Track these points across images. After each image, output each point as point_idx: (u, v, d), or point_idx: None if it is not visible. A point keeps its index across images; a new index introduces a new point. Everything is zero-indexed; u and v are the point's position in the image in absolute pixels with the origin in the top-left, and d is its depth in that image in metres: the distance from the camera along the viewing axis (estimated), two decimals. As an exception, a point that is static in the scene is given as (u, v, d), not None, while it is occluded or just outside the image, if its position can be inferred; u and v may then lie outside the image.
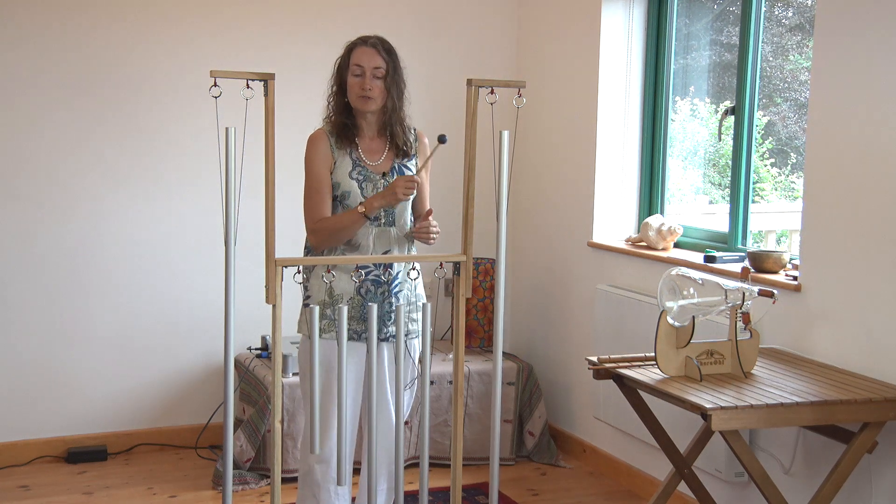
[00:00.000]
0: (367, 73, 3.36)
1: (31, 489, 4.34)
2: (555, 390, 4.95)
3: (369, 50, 3.38)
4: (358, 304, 3.41)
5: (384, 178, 3.43)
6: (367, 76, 3.36)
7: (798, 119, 4.34)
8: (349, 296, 3.41)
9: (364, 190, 3.41)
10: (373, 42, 3.39)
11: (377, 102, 3.39)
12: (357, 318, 3.40)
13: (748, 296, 3.22)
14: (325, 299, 3.40)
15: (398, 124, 3.45)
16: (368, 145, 3.46)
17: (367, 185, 3.42)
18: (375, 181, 3.42)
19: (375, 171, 3.44)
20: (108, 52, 4.57)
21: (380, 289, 3.42)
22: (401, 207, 3.45)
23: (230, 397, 2.87)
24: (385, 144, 3.47)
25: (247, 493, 4.30)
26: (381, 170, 3.45)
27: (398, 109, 3.44)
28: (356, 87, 3.37)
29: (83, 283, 4.64)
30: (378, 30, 5.05)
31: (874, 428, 3.05)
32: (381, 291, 3.43)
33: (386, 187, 3.36)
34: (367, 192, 3.41)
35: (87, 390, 4.70)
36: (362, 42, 3.40)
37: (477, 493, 4.32)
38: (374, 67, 3.36)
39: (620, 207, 4.67)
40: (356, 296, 3.42)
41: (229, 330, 2.80)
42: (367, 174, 3.43)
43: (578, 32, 4.72)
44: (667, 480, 3.52)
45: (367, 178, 3.42)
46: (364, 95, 3.36)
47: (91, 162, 4.61)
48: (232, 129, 2.72)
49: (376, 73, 3.37)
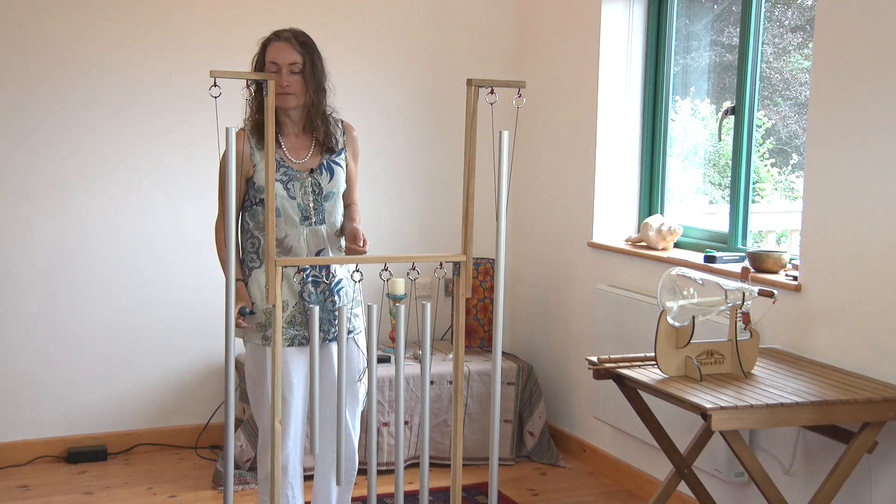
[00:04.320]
0: (283, 69, 3.25)
1: (31, 489, 4.34)
2: (555, 390, 4.95)
3: (283, 45, 3.27)
4: (302, 308, 3.36)
5: (311, 176, 3.34)
6: (283, 72, 3.26)
7: (798, 119, 4.34)
8: (294, 301, 3.36)
9: (290, 190, 3.31)
10: (286, 36, 3.29)
11: (297, 98, 3.29)
12: (302, 322, 3.35)
13: (748, 296, 3.22)
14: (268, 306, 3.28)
15: (319, 119, 3.35)
16: (293, 143, 3.37)
17: (294, 185, 3.33)
18: (302, 179, 3.34)
19: (301, 168, 3.35)
20: (109, 51, 4.57)
21: (319, 288, 3.38)
22: (330, 204, 3.39)
23: (231, 397, 2.87)
24: (310, 142, 3.39)
25: (247, 493, 4.30)
26: (307, 167, 3.36)
27: (319, 103, 3.33)
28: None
29: (83, 283, 4.64)
30: (378, 30, 5.07)
31: (874, 428, 3.05)
32: (321, 290, 3.38)
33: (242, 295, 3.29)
34: (293, 192, 3.32)
35: (87, 390, 4.70)
36: (276, 37, 3.31)
37: (477, 493, 4.32)
38: (290, 63, 3.26)
39: (620, 207, 4.67)
40: (300, 300, 3.37)
41: (230, 330, 2.80)
42: (293, 173, 3.33)
43: (578, 32, 4.72)
44: (667, 480, 3.52)
45: (293, 177, 3.33)
46: (282, 92, 3.25)
47: (91, 162, 4.60)
48: (233, 128, 2.72)
49: (293, 68, 3.26)
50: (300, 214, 3.34)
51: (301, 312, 3.36)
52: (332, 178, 3.39)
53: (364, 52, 4.94)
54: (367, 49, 4.94)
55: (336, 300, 3.39)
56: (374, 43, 4.95)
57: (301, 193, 3.33)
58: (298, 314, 3.36)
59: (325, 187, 3.37)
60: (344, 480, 3.45)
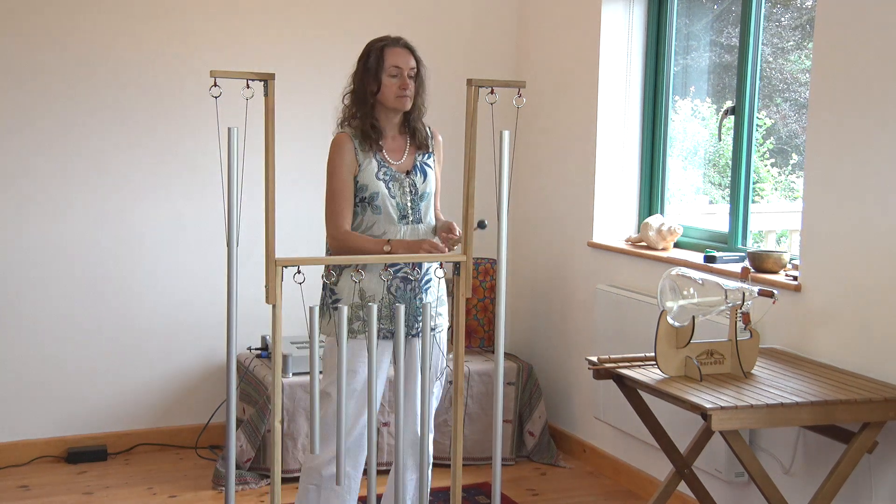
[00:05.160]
0: (404, 73, 3.42)
1: (31, 489, 4.34)
2: (555, 390, 4.95)
3: (403, 51, 3.45)
4: (389, 302, 3.46)
5: (408, 177, 3.48)
6: (404, 76, 3.42)
7: (798, 119, 4.34)
8: (380, 295, 3.45)
9: (391, 190, 3.45)
10: (404, 43, 3.48)
11: (411, 101, 3.46)
12: (388, 316, 3.45)
13: (748, 296, 3.22)
14: (357, 300, 3.44)
15: (420, 122, 3.54)
16: (391, 145, 3.51)
17: (394, 185, 3.46)
18: (401, 180, 3.48)
19: (399, 170, 3.49)
20: (109, 52, 4.57)
21: (409, 286, 3.47)
22: (425, 204, 3.52)
23: (232, 397, 2.87)
24: (405, 143, 3.53)
25: (247, 493, 4.30)
26: (404, 168, 3.50)
27: (423, 107, 3.54)
28: (394, 87, 3.42)
29: (83, 283, 4.64)
30: (377, 30, 5.06)
31: (874, 428, 3.05)
32: (410, 288, 3.48)
33: (413, 242, 3.40)
34: (393, 191, 3.46)
35: (87, 390, 4.70)
36: (394, 43, 3.47)
37: (477, 493, 4.32)
38: (410, 68, 3.43)
39: (620, 207, 4.67)
40: (387, 294, 3.47)
41: (231, 330, 2.80)
42: (393, 174, 3.47)
43: (578, 32, 4.72)
44: (667, 480, 3.52)
45: (393, 177, 3.47)
46: (403, 95, 3.42)
47: (91, 161, 4.60)
48: (234, 129, 2.71)
49: (411, 72, 3.44)
50: (399, 213, 3.46)
51: (387, 306, 3.45)
52: (425, 179, 3.53)
53: (364, 52, 4.93)
54: (367, 49, 4.94)
55: (423, 297, 3.49)
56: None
57: (400, 193, 3.47)
58: (384, 308, 3.45)
59: (419, 188, 3.51)
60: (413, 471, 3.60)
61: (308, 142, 4.83)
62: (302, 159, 4.83)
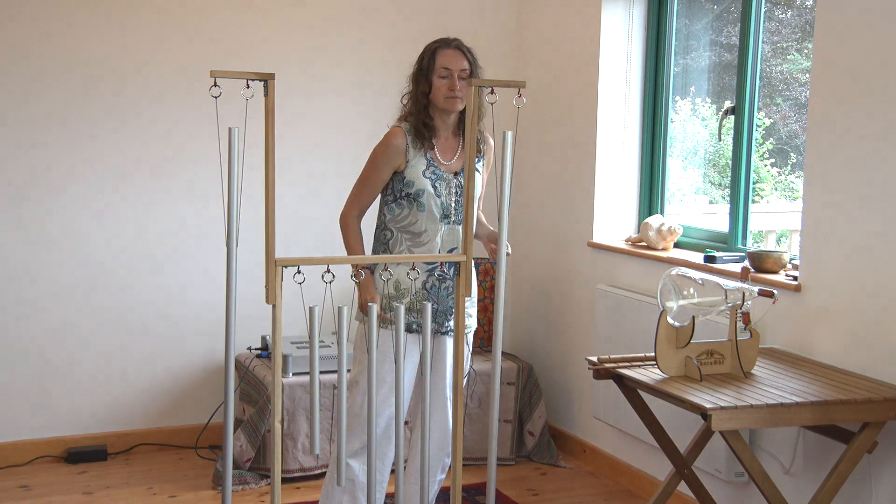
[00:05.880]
0: (454, 74, 3.45)
1: (31, 489, 4.34)
2: (555, 390, 4.95)
3: (454, 52, 3.49)
4: (423, 297, 3.53)
5: (456, 178, 3.53)
6: (454, 77, 3.45)
7: (798, 119, 4.34)
8: (415, 289, 3.52)
9: (437, 189, 3.50)
10: (456, 44, 3.52)
11: (464, 102, 3.47)
12: (419, 311, 3.48)
13: (748, 296, 3.22)
14: (392, 292, 3.51)
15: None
16: (443, 145, 3.55)
17: (441, 185, 3.51)
18: (448, 180, 3.52)
19: (448, 170, 3.54)
20: (109, 52, 4.57)
21: (444, 284, 3.54)
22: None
23: (231, 397, 2.87)
24: (458, 144, 3.57)
25: (247, 493, 4.30)
26: (453, 169, 3.55)
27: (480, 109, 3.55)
28: (444, 88, 3.46)
29: (83, 283, 4.64)
30: (377, 30, 5.07)
31: (874, 428, 3.05)
32: (445, 287, 3.54)
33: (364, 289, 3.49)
34: (440, 191, 3.50)
35: (87, 390, 4.70)
36: (445, 45, 3.51)
37: (477, 493, 4.33)
38: (460, 69, 3.46)
39: (620, 207, 4.67)
40: (421, 289, 3.53)
41: (230, 330, 2.80)
42: (441, 174, 3.52)
43: (578, 33, 4.72)
44: (667, 480, 3.52)
45: (440, 177, 3.52)
46: (452, 96, 3.45)
47: (91, 161, 4.60)
48: (235, 129, 2.71)
49: (462, 74, 3.47)
50: (441, 212, 3.52)
51: (419, 301, 3.51)
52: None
53: (364, 52, 4.94)
54: (367, 49, 4.94)
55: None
56: (373, 43, 4.94)
57: (446, 193, 3.52)
58: (417, 303, 3.51)
59: None
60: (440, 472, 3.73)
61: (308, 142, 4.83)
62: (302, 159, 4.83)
